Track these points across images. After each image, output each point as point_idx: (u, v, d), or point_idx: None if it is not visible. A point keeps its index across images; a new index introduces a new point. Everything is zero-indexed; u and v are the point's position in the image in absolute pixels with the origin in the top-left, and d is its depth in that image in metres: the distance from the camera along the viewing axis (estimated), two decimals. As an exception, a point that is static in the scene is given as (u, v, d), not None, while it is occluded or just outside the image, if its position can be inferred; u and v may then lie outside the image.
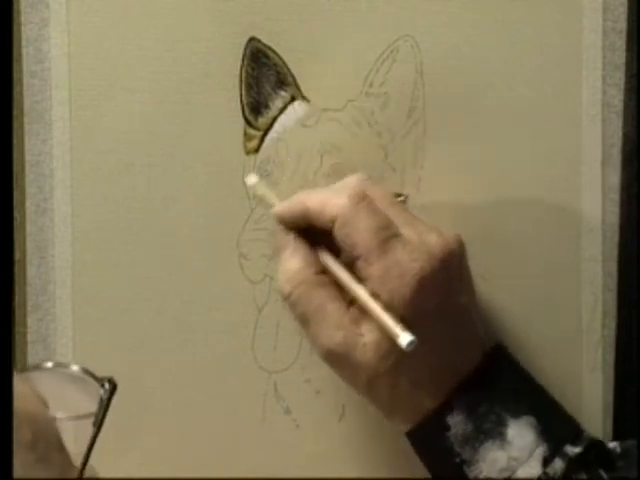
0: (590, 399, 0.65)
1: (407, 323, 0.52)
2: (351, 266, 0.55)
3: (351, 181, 0.57)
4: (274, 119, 0.62)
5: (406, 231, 0.55)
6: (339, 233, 0.54)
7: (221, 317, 0.63)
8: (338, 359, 0.55)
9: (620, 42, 0.63)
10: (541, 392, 0.58)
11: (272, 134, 0.62)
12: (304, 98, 0.62)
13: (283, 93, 0.62)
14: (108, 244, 0.62)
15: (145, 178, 0.62)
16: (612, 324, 0.64)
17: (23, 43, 0.60)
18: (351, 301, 0.55)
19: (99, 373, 0.62)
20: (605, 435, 0.65)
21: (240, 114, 0.62)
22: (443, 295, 0.54)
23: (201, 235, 0.62)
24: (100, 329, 0.62)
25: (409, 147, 0.63)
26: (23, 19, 0.60)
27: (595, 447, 0.56)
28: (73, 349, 0.62)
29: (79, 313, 0.62)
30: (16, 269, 0.61)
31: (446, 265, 0.55)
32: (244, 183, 0.62)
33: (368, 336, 0.54)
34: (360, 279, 0.54)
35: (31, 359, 0.62)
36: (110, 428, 0.63)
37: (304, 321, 0.56)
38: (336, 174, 0.62)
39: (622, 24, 0.63)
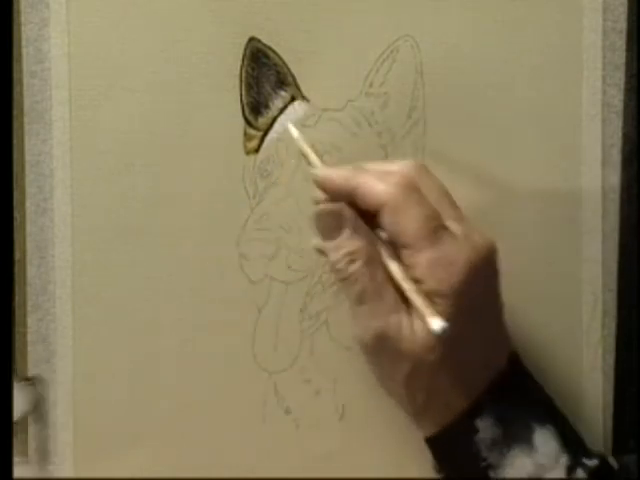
0: (590, 399, 0.65)
1: (452, 314, 0.51)
2: (396, 248, 0.54)
3: (401, 165, 0.55)
4: (274, 119, 0.62)
5: (452, 224, 0.54)
6: (387, 220, 0.53)
7: (221, 317, 0.63)
8: (386, 343, 0.53)
9: (620, 42, 0.63)
10: (554, 403, 0.57)
11: (272, 134, 0.62)
12: (304, 98, 0.62)
13: (283, 93, 0.62)
14: (108, 244, 0.62)
15: (145, 178, 0.62)
16: (612, 324, 0.64)
17: (23, 43, 0.60)
18: None
19: (99, 373, 0.62)
20: (605, 435, 0.65)
21: (240, 114, 0.62)
22: (484, 292, 0.54)
23: (201, 235, 0.62)
24: (100, 329, 0.62)
25: (409, 147, 0.63)
26: (23, 19, 0.60)
27: (605, 461, 0.56)
28: (73, 349, 0.62)
29: (79, 313, 0.62)
30: (16, 269, 0.61)
31: (488, 263, 0.54)
32: (244, 186, 0.62)
33: (419, 325, 0.53)
34: (405, 266, 0.53)
35: (31, 359, 0.62)
36: (110, 428, 0.63)
37: (360, 299, 0.53)
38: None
39: (622, 24, 0.63)
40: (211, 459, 0.63)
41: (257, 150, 0.62)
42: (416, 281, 0.53)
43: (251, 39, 0.61)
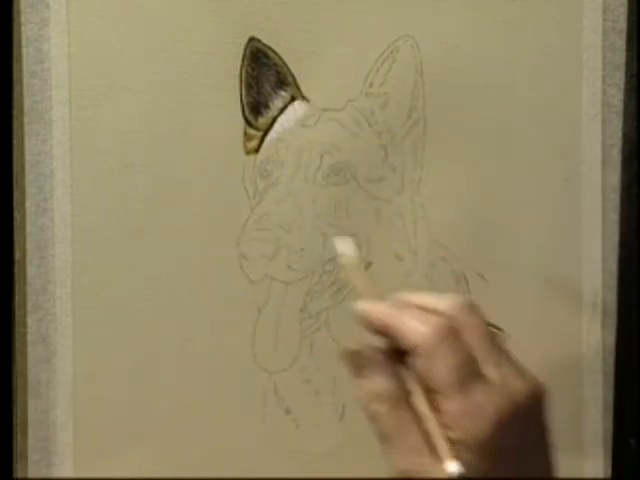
0: (590, 399, 0.65)
1: (476, 461, 0.50)
2: (427, 390, 0.53)
3: (449, 306, 0.53)
4: (274, 119, 0.62)
5: (490, 371, 0.52)
6: (418, 364, 0.52)
7: (221, 317, 0.63)
8: None
9: (620, 42, 0.63)
10: None
11: (272, 134, 0.62)
12: (304, 98, 0.62)
13: (283, 93, 0.62)
14: (108, 244, 0.62)
15: (145, 178, 0.62)
16: (612, 324, 0.64)
17: (23, 43, 0.60)
18: None
19: (99, 373, 0.62)
20: (605, 435, 0.65)
21: (240, 114, 0.62)
22: (519, 440, 0.52)
23: (201, 235, 0.62)
24: (100, 329, 0.62)
25: (409, 147, 0.63)
26: (23, 19, 0.60)
27: None
28: (73, 349, 0.62)
29: (79, 313, 0.62)
30: (16, 269, 0.61)
31: (526, 413, 0.52)
32: (244, 186, 0.62)
33: (443, 470, 0.51)
34: (434, 408, 0.52)
35: (31, 359, 0.62)
36: (110, 428, 0.63)
37: (383, 437, 0.54)
38: (336, 174, 0.62)
39: (622, 24, 0.63)
40: (211, 459, 0.63)
41: (257, 150, 0.62)
42: (444, 426, 0.51)
43: (251, 39, 0.61)
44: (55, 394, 0.62)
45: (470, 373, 0.52)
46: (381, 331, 0.53)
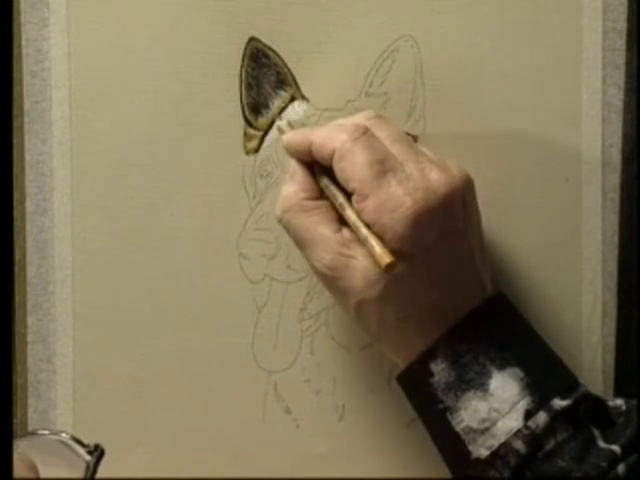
0: (590, 399, 0.65)
1: (398, 257, 0.52)
2: (349, 199, 0.56)
3: (357, 117, 0.58)
4: (274, 119, 0.62)
5: (409, 167, 0.55)
6: (336, 167, 0.55)
7: (221, 317, 0.63)
8: (329, 281, 0.56)
9: (620, 42, 0.63)
10: (537, 345, 0.57)
11: (272, 134, 0.62)
12: (304, 98, 0.62)
13: (283, 93, 0.62)
14: (108, 244, 0.62)
15: (145, 178, 0.62)
16: (612, 324, 0.64)
17: (23, 43, 0.60)
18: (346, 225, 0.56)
19: (99, 373, 0.62)
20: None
21: (240, 114, 0.62)
22: (441, 233, 0.54)
23: (201, 235, 0.62)
24: (100, 329, 0.62)
25: (409, 147, 0.63)
26: (23, 19, 0.60)
27: (588, 402, 0.55)
28: (73, 349, 0.62)
29: (79, 313, 0.62)
30: (16, 269, 0.61)
31: (446, 202, 0.54)
32: (244, 186, 0.62)
33: (358, 260, 0.54)
34: (355, 212, 0.55)
35: (31, 359, 0.62)
36: (110, 428, 0.63)
37: (298, 244, 0.57)
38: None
39: (622, 24, 0.63)
40: (211, 459, 0.63)
41: (257, 150, 0.62)
42: (365, 224, 0.54)
43: (251, 39, 0.61)
44: (55, 394, 0.62)
45: (385, 168, 0.54)
46: (305, 150, 0.57)
